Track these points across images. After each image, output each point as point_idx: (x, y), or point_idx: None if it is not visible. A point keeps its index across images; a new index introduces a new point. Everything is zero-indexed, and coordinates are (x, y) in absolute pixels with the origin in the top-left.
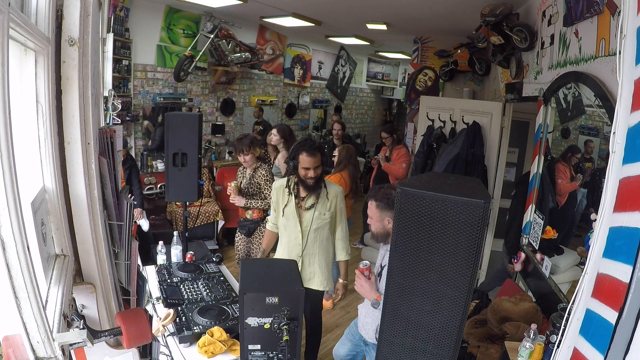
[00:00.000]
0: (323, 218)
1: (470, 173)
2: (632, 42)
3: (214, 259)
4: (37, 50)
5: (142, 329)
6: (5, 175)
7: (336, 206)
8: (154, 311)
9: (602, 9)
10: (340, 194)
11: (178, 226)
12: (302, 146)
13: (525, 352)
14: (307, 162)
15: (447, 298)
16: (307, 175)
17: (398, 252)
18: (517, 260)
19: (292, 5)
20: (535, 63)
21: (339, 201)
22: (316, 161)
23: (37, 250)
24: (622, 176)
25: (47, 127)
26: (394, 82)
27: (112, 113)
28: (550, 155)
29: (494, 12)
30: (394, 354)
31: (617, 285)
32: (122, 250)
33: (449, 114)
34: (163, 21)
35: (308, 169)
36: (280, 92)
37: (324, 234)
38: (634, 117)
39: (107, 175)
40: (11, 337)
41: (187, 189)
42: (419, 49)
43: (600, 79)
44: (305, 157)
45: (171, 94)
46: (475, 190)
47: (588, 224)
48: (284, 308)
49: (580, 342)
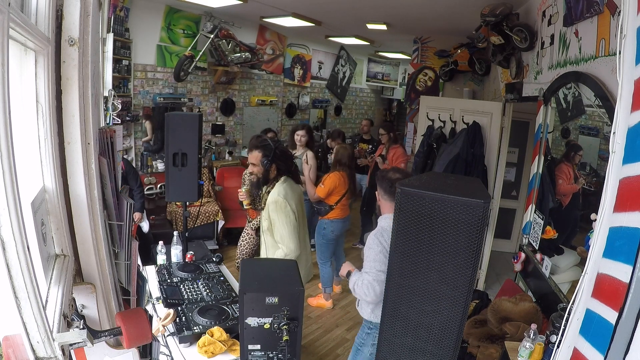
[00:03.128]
0: (264, 223)
1: (470, 173)
2: (632, 42)
3: (214, 259)
4: (37, 50)
5: (142, 329)
6: (5, 175)
7: (269, 214)
8: (154, 311)
9: (602, 9)
10: (271, 204)
11: (178, 226)
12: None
13: (525, 352)
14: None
15: (447, 298)
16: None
17: (398, 252)
18: (517, 260)
19: (292, 5)
20: (535, 63)
21: (270, 211)
22: (252, 157)
23: (37, 250)
24: (622, 176)
25: (47, 127)
26: (394, 82)
27: (112, 113)
28: (550, 155)
29: (494, 12)
30: (394, 354)
31: (617, 285)
32: (122, 250)
33: (449, 114)
34: (163, 21)
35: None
36: (280, 92)
37: (269, 241)
38: (634, 117)
39: (107, 175)
40: (11, 337)
41: (187, 189)
42: (419, 49)
43: (600, 79)
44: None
45: (171, 94)
46: (475, 190)
47: (588, 224)
48: (284, 308)
49: (580, 342)
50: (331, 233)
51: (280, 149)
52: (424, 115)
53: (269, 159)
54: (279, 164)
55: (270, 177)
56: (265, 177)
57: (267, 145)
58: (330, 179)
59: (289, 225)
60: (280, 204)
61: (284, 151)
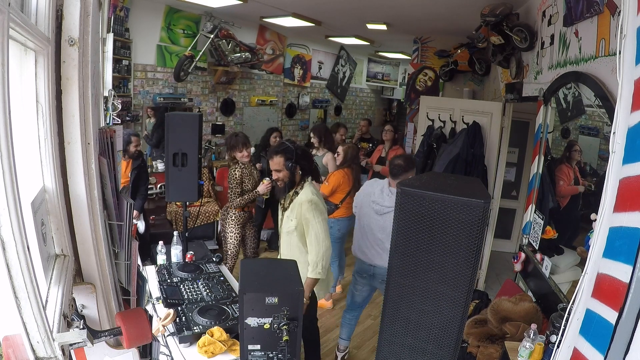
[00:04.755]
0: (290, 223)
1: (470, 173)
2: (632, 42)
3: (214, 259)
4: (37, 50)
5: (142, 329)
6: (5, 175)
7: (300, 215)
8: (154, 311)
9: (602, 9)
10: (305, 203)
11: (178, 226)
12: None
13: (525, 352)
14: (270, 164)
15: (447, 298)
16: (274, 176)
17: (398, 252)
18: (517, 260)
19: (292, 5)
20: (535, 63)
21: (303, 210)
22: (274, 164)
23: (37, 250)
24: (622, 176)
25: (47, 127)
26: (394, 82)
27: (112, 113)
28: (550, 155)
29: (494, 12)
30: (394, 354)
31: (617, 285)
32: (122, 250)
33: (449, 114)
34: (163, 21)
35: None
36: (280, 92)
37: (294, 241)
38: (634, 117)
39: (107, 175)
40: (11, 337)
41: (187, 189)
42: (419, 49)
43: (600, 79)
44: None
45: (171, 94)
46: (475, 190)
47: (588, 224)
48: (284, 308)
49: (580, 342)
50: (338, 232)
51: (300, 150)
52: (424, 115)
53: (293, 161)
54: (302, 164)
55: (296, 179)
56: (292, 180)
57: (288, 148)
58: (334, 176)
59: (324, 223)
60: (316, 203)
61: (304, 151)
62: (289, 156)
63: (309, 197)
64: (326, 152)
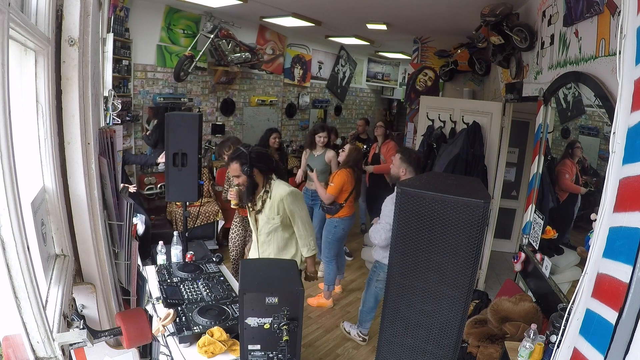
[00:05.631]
0: (272, 222)
1: (470, 173)
2: (632, 42)
3: (214, 259)
4: (37, 50)
5: (142, 329)
6: (5, 175)
7: (284, 209)
8: (154, 311)
9: (602, 9)
10: (286, 196)
11: (178, 226)
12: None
13: (525, 352)
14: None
15: (447, 298)
16: (234, 182)
17: (398, 252)
18: (517, 260)
19: (292, 5)
20: (535, 63)
21: (287, 204)
22: (232, 171)
23: (37, 250)
24: (622, 176)
25: (47, 127)
26: (394, 82)
27: (112, 113)
28: (550, 155)
29: (494, 12)
30: (394, 354)
31: (617, 285)
32: (122, 250)
33: (449, 114)
34: (163, 21)
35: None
36: (280, 92)
37: (279, 236)
38: (634, 117)
39: (107, 175)
40: (11, 337)
41: (187, 189)
42: (419, 49)
43: (600, 79)
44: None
45: (171, 94)
46: (475, 190)
47: (588, 224)
48: (284, 308)
49: (580, 342)
50: (342, 231)
51: (255, 153)
52: (424, 115)
53: (248, 165)
54: (259, 166)
55: (257, 181)
56: (253, 183)
57: (242, 154)
58: (338, 175)
59: (305, 207)
60: (296, 193)
61: (259, 153)
62: (244, 161)
63: (287, 190)
64: (325, 151)
